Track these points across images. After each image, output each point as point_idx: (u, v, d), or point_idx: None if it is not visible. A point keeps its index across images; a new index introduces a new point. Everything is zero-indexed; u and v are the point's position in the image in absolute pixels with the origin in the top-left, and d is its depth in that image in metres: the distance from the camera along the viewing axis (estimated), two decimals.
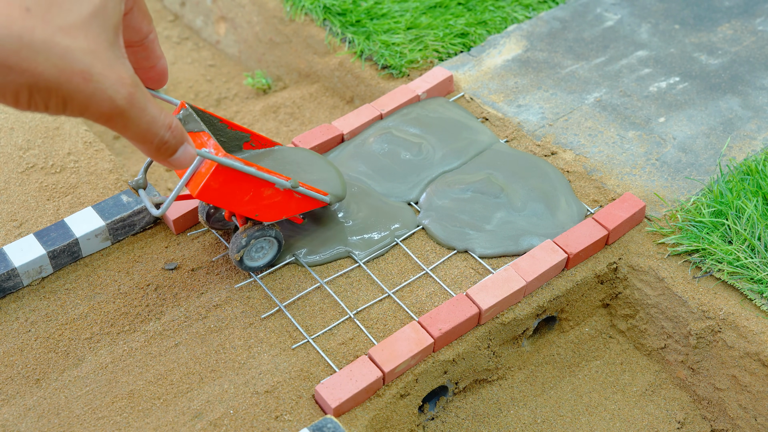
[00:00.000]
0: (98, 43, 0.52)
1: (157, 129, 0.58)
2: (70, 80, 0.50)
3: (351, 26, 1.59)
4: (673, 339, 1.18)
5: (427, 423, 1.11)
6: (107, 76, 0.52)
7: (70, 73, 0.50)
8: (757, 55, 1.51)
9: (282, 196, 1.05)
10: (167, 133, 0.59)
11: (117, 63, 0.53)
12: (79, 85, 0.51)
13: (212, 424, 0.99)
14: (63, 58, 0.50)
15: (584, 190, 1.27)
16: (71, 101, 0.51)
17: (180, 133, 0.61)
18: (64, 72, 0.50)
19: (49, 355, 1.07)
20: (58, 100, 0.51)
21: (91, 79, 0.51)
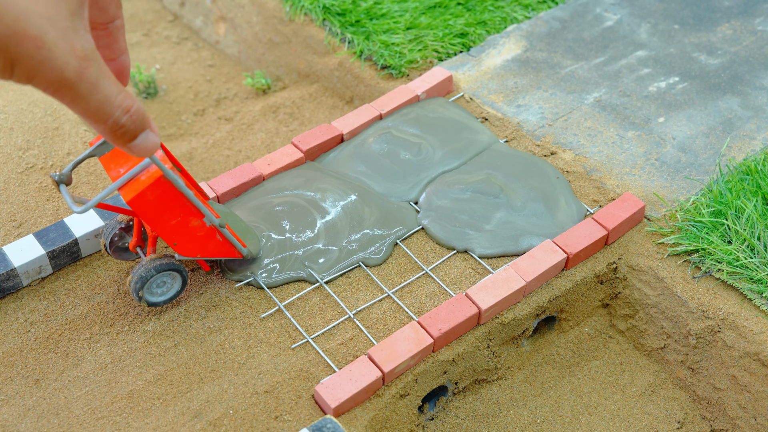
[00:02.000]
0: (58, 11, 0.50)
1: (111, 109, 0.55)
2: (21, 43, 0.49)
3: (350, 26, 1.59)
4: (672, 339, 1.18)
5: (426, 423, 1.11)
6: (59, 45, 0.50)
7: (23, 36, 0.48)
8: (756, 55, 1.51)
9: (205, 233, 1.04)
10: (124, 116, 0.55)
11: (73, 33, 0.51)
12: (29, 50, 0.49)
13: (212, 424, 0.99)
14: (17, 20, 0.48)
15: (584, 190, 1.27)
16: (19, 65, 0.49)
17: (141, 118, 0.57)
18: (16, 34, 0.48)
19: (48, 355, 1.07)
20: (5, 62, 0.49)
21: (43, 47, 0.49)
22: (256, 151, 1.54)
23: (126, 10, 2.07)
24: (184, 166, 1.39)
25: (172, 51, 1.94)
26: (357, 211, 1.21)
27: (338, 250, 1.17)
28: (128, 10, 2.07)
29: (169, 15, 2.06)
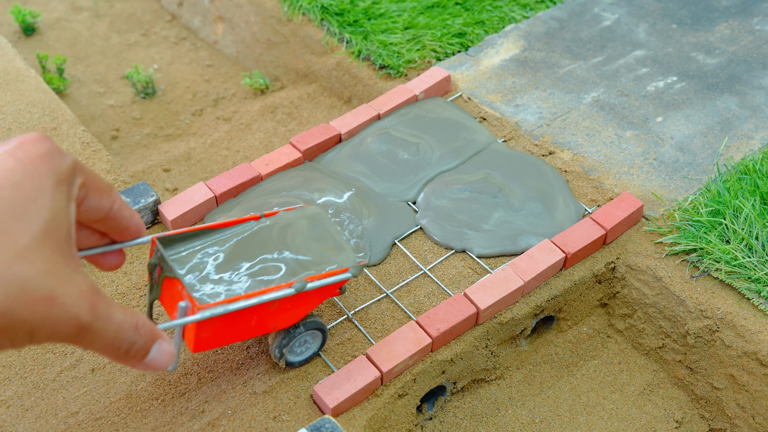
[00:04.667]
0: (54, 261, 0.49)
1: (125, 334, 0.54)
2: (35, 310, 0.47)
3: (349, 26, 1.59)
4: (671, 338, 1.18)
5: (425, 423, 1.11)
6: (69, 293, 0.49)
7: (33, 302, 0.47)
8: (754, 55, 1.52)
9: (294, 301, 0.91)
10: (134, 334, 0.54)
11: (75, 276, 0.50)
12: (43, 313, 0.47)
13: (210, 424, 0.99)
14: (23, 290, 0.46)
15: (582, 190, 1.27)
16: (39, 331, 0.48)
17: (149, 330, 0.56)
18: (27, 304, 0.46)
19: (47, 355, 1.07)
20: (24, 334, 0.48)
21: (55, 302, 0.48)
22: (254, 151, 1.54)
23: (124, 10, 2.07)
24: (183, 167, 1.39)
25: (170, 51, 1.94)
26: (355, 211, 1.21)
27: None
28: (126, 10, 2.07)
29: (167, 15, 2.06)
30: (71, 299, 0.49)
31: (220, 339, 0.88)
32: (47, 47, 1.93)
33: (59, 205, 0.50)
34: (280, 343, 0.97)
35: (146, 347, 0.56)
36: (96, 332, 0.51)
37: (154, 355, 0.57)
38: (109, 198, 0.58)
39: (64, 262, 0.49)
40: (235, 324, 0.88)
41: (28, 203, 0.48)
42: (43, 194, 0.49)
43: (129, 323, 0.54)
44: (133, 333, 0.54)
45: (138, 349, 0.55)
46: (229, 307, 0.84)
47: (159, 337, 0.57)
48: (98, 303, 0.51)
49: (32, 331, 0.47)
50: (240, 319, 0.88)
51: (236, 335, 0.90)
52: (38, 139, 0.51)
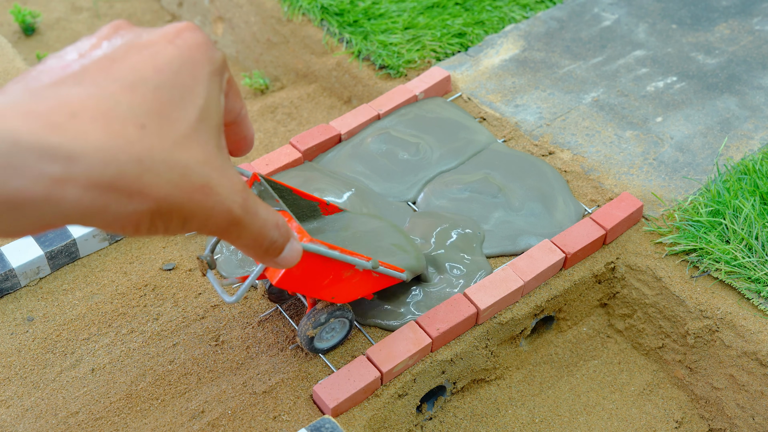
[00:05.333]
0: (209, 150, 0.48)
1: (268, 230, 0.54)
2: (192, 198, 0.46)
3: (348, 26, 1.59)
4: (670, 338, 1.18)
5: (425, 423, 1.11)
6: (224, 185, 0.48)
7: (191, 190, 0.46)
8: (754, 55, 1.52)
9: (360, 277, 0.97)
10: (276, 232, 0.54)
11: (228, 168, 0.50)
12: (200, 202, 0.47)
13: (210, 424, 0.99)
14: (184, 176, 0.46)
15: (582, 190, 1.27)
16: (192, 219, 0.47)
17: (286, 229, 0.56)
18: (186, 190, 0.46)
19: (47, 355, 1.07)
20: (179, 221, 0.47)
21: (211, 192, 0.47)
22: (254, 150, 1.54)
23: (123, 10, 2.07)
24: None
25: None
26: (355, 210, 1.21)
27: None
28: (126, 9, 2.07)
29: (167, 15, 2.06)
30: (225, 191, 0.49)
31: (300, 282, 0.92)
32: (47, 47, 1.93)
33: (213, 95, 0.50)
34: (318, 320, 0.99)
35: (282, 245, 0.56)
36: (244, 227, 0.51)
37: (286, 253, 0.58)
38: (241, 101, 0.58)
39: (217, 152, 0.49)
40: (317, 273, 0.92)
41: (186, 91, 0.48)
42: (199, 83, 0.49)
43: (272, 221, 0.54)
44: (275, 230, 0.55)
45: (276, 247, 0.56)
46: (330, 251, 0.90)
47: (291, 237, 0.58)
48: (248, 198, 0.51)
49: (186, 218, 0.47)
50: (325, 269, 0.92)
51: (310, 287, 0.94)
52: (193, 28, 0.51)
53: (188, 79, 0.48)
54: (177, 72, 0.48)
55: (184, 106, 0.47)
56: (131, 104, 0.45)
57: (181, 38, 0.49)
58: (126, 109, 0.44)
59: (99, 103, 0.44)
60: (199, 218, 0.48)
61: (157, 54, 0.48)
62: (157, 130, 0.45)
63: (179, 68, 0.48)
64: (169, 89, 0.47)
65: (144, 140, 0.44)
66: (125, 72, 0.46)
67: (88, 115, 0.43)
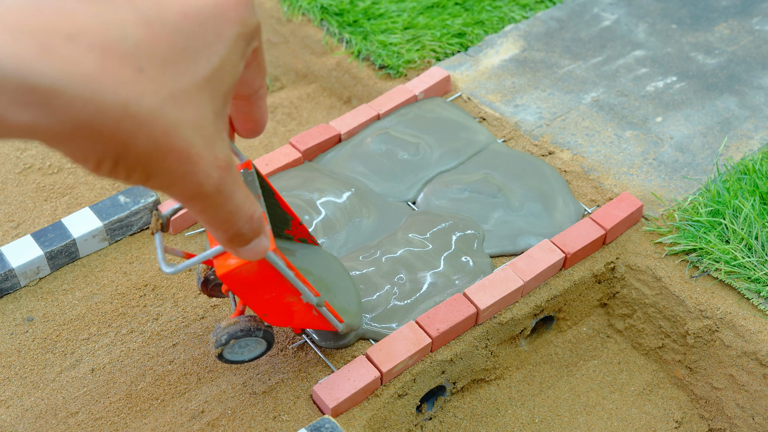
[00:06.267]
0: (205, 115, 0.45)
1: (237, 220, 0.50)
2: (164, 158, 0.43)
3: (348, 26, 1.60)
4: (670, 338, 1.18)
5: (425, 423, 1.11)
6: (204, 156, 0.45)
7: (167, 151, 0.43)
8: (753, 55, 1.52)
9: (300, 308, 0.92)
10: (246, 224, 0.51)
11: (217, 140, 0.46)
12: (171, 165, 0.44)
13: (210, 424, 0.99)
14: (166, 134, 0.42)
15: (582, 190, 1.27)
16: (156, 177, 0.44)
17: (259, 225, 0.53)
18: (161, 149, 0.43)
19: (46, 355, 1.07)
20: (142, 175, 0.44)
21: (188, 160, 0.44)
22: (254, 150, 1.54)
23: None
24: None
25: None
26: (355, 210, 1.21)
27: (335, 250, 1.17)
28: None
29: None
30: (204, 163, 0.45)
31: (242, 286, 0.86)
32: None
33: (232, 59, 0.47)
34: (234, 332, 0.92)
35: (250, 239, 0.54)
36: (210, 206, 0.48)
37: (251, 246, 0.55)
38: (262, 79, 0.55)
39: (213, 119, 0.46)
40: (264, 285, 0.87)
41: (205, 44, 0.45)
42: (222, 41, 0.45)
43: (246, 211, 0.51)
44: (246, 223, 0.51)
45: (242, 239, 0.53)
46: (286, 270, 0.84)
47: (263, 233, 0.55)
48: (227, 178, 0.47)
49: (150, 175, 0.44)
50: (273, 285, 0.87)
51: (250, 295, 0.88)
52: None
53: (212, 33, 0.45)
54: (203, 22, 0.44)
55: (196, 60, 0.44)
56: (139, 41, 0.41)
57: None
58: (130, 46, 0.40)
59: (104, 29, 0.40)
60: (163, 180, 0.45)
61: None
62: (155, 77, 0.42)
63: (207, 19, 0.45)
64: (186, 37, 0.43)
65: (137, 85, 0.41)
66: (150, 7, 0.42)
67: (86, 41, 0.39)
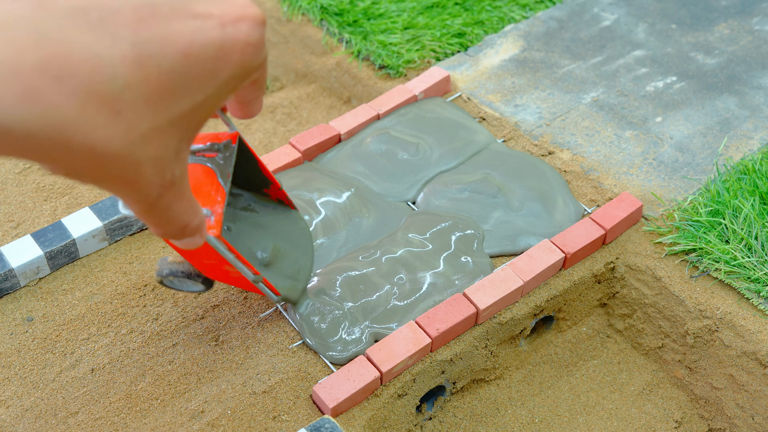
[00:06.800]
0: (170, 146, 0.43)
1: (169, 226, 0.49)
2: (113, 182, 0.43)
3: (348, 26, 1.59)
4: (670, 338, 1.18)
5: (424, 423, 1.11)
6: (152, 181, 0.44)
7: (118, 177, 0.42)
8: (753, 55, 1.52)
9: (236, 275, 0.97)
10: (178, 231, 0.50)
11: (173, 164, 0.44)
12: (115, 185, 0.43)
13: (210, 424, 0.99)
14: (123, 168, 0.41)
15: (581, 190, 1.27)
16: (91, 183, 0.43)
17: (194, 230, 0.51)
18: (112, 176, 0.42)
19: (46, 355, 1.07)
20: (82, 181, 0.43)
21: (134, 184, 0.43)
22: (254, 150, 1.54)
23: None
24: None
25: None
26: (354, 210, 1.21)
27: (335, 250, 1.17)
28: None
29: None
30: (148, 186, 0.44)
31: (182, 250, 0.89)
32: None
33: (219, 94, 0.45)
34: (175, 271, 0.96)
35: (181, 238, 0.53)
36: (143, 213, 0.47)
37: (181, 243, 0.54)
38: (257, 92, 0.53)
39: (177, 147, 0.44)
40: (205, 253, 0.90)
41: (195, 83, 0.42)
42: (214, 80, 0.44)
43: (179, 222, 0.49)
44: (177, 230, 0.50)
45: (171, 237, 0.52)
46: (226, 253, 0.89)
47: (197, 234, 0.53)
48: (165, 195, 0.45)
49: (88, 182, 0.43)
50: (209, 255, 0.91)
51: (189, 257, 0.92)
52: (254, 23, 0.44)
53: (207, 73, 0.43)
54: (202, 62, 0.42)
55: (180, 98, 0.42)
56: (127, 84, 0.39)
57: (235, 27, 0.43)
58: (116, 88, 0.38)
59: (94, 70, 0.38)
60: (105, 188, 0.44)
61: (199, 33, 0.42)
62: (131, 119, 0.40)
63: (207, 59, 0.42)
64: (179, 77, 0.41)
65: (110, 128, 0.39)
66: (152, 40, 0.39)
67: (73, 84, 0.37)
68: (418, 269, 1.13)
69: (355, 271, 1.12)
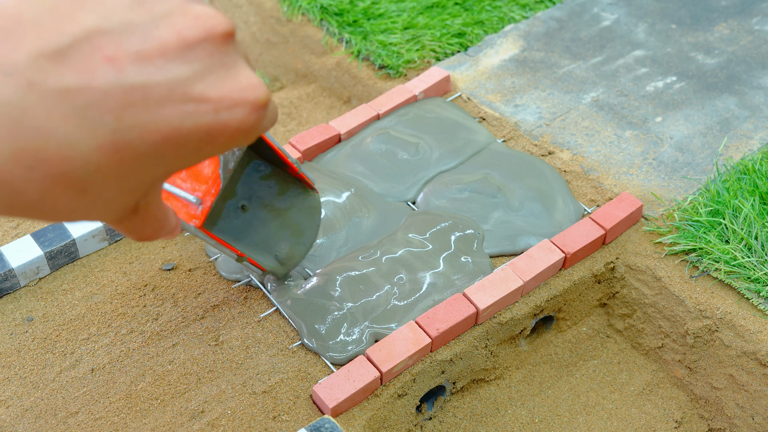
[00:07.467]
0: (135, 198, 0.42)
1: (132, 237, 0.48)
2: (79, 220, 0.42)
3: (348, 26, 1.59)
4: (670, 338, 1.18)
5: (424, 423, 1.11)
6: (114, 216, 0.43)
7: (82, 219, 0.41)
8: (753, 55, 1.52)
9: None
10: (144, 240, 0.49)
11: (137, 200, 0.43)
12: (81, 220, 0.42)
13: (210, 424, 0.99)
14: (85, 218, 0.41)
15: (581, 190, 1.27)
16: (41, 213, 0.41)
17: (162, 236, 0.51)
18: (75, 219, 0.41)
19: (46, 356, 1.07)
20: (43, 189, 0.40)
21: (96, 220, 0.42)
22: None
23: None
24: None
25: None
26: (354, 210, 1.21)
27: (335, 250, 1.17)
28: None
29: None
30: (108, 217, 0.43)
31: None
32: None
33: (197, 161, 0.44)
34: None
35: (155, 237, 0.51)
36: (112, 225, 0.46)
37: None
38: None
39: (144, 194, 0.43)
40: None
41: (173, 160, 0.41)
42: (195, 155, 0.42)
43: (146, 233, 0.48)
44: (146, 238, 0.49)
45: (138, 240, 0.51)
46: (208, 239, 0.96)
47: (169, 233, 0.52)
48: (124, 222, 0.45)
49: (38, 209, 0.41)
50: None
51: None
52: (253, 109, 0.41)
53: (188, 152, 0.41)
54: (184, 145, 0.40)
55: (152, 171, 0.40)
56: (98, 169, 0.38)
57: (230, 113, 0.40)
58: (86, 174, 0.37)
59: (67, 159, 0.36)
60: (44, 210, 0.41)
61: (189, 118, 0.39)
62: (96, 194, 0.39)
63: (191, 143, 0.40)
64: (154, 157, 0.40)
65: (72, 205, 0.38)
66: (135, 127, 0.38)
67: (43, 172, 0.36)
68: (418, 269, 1.13)
69: (355, 271, 1.12)
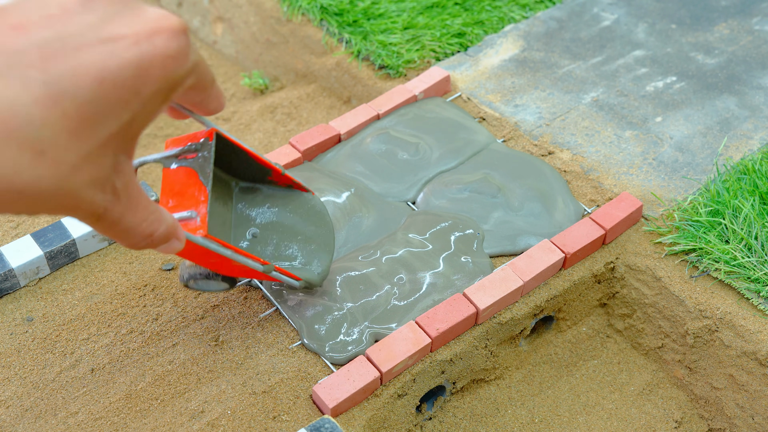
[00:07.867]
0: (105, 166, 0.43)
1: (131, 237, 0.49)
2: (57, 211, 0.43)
3: (348, 26, 1.59)
4: (670, 338, 1.18)
5: (424, 423, 1.11)
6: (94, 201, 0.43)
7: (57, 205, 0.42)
8: (753, 55, 1.52)
9: (249, 270, 0.96)
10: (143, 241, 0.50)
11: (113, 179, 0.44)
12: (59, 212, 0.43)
13: (210, 424, 0.99)
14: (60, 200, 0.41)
15: (581, 190, 1.27)
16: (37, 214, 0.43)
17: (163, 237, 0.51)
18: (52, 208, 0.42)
19: (46, 355, 1.07)
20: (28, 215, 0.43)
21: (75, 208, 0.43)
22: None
23: None
24: None
25: None
26: (354, 211, 1.21)
27: (335, 250, 1.17)
28: None
29: None
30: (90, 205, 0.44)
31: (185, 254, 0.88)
32: None
33: (148, 110, 0.44)
34: (194, 274, 0.97)
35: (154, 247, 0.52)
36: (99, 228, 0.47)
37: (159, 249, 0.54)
38: (204, 93, 0.52)
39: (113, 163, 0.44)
40: (204, 255, 0.89)
41: (116, 105, 0.42)
42: (138, 98, 0.43)
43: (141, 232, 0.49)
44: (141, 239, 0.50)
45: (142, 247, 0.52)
46: (222, 250, 0.88)
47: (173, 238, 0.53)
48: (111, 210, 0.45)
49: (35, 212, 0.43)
50: (209, 255, 0.89)
51: (196, 259, 0.91)
52: (171, 34, 0.43)
53: (127, 93, 0.42)
54: (120, 85, 0.41)
55: (105, 121, 0.41)
56: (44, 124, 0.38)
57: (151, 42, 0.42)
58: (33, 130, 0.38)
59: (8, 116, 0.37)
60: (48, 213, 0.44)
61: (112, 57, 0.40)
62: (57, 155, 0.40)
63: (125, 80, 0.41)
64: (98, 104, 0.41)
65: (36, 170, 0.39)
66: (63, 76, 0.39)
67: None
68: (417, 269, 1.13)
69: (355, 271, 1.12)
